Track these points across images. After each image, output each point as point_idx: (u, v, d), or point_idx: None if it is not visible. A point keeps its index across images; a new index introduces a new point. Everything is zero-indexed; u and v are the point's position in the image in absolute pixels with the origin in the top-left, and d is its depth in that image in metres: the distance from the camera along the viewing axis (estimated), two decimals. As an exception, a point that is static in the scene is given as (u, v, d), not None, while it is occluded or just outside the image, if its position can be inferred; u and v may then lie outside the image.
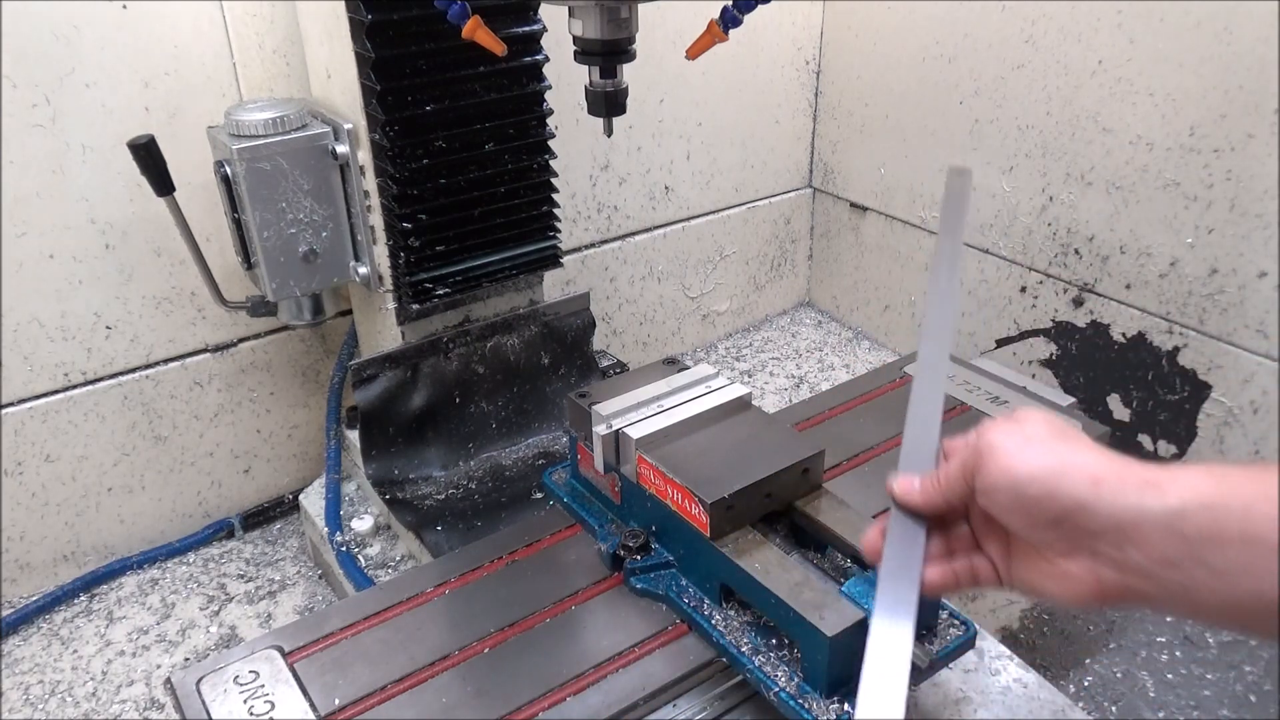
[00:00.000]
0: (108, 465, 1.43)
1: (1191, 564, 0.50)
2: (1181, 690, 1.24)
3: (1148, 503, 0.51)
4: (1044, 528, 0.55)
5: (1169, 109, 1.40)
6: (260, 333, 1.49)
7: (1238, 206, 1.36)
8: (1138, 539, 0.52)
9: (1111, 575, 0.53)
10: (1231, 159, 1.35)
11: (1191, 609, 0.52)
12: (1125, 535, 0.52)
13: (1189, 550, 0.50)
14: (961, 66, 1.69)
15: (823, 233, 2.14)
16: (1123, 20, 1.43)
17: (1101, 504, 0.53)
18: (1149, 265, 1.49)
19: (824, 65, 1.98)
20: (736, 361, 2.02)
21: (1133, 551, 0.52)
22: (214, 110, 1.30)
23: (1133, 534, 0.52)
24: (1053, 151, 1.58)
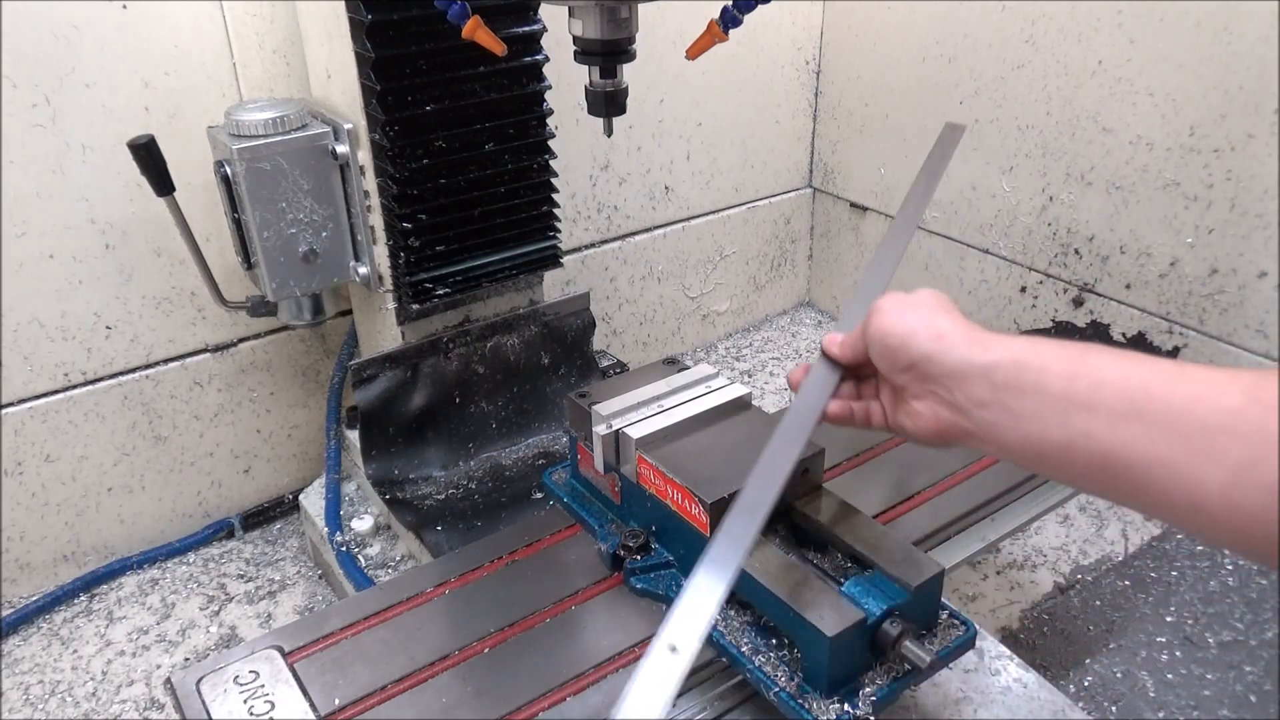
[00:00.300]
0: (108, 465, 1.43)
1: (998, 407, 0.63)
2: (1181, 690, 1.24)
3: (973, 356, 0.64)
4: (900, 372, 0.70)
5: (1169, 109, 1.40)
6: (260, 333, 1.49)
7: (1238, 206, 1.36)
8: (962, 384, 0.65)
9: (945, 414, 0.67)
10: (1231, 159, 1.35)
11: (997, 446, 0.64)
12: (954, 381, 0.65)
13: (996, 395, 0.63)
14: (961, 66, 1.69)
15: (823, 233, 2.14)
16: (1123, 20, 1.43)
17: (939, 355, 0.66)
18: (1149, 265, 1.49)
19: (824, 65, 1.98)
20: (736, 361, 2.02)
21: (959, 394, 0.65)
22: (214, 110, 1.30)
23: (960, 380, 0.65)
24: (1053, 151, 1.58)
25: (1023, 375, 0.62)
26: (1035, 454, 0.62)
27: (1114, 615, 1.36)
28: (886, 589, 0.82)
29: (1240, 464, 0.51)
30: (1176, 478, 0.54)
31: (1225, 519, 0.52)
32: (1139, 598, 1.39)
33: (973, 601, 1.39)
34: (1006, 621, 1.35)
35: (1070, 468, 0.60)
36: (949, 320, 0.68)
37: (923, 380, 0.68)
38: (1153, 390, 0.56)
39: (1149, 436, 0.55)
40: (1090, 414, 0.58)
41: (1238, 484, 0.51)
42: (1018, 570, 1.44)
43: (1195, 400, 0.54)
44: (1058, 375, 0.60)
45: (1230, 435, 0.52)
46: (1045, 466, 0.62)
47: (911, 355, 0.68)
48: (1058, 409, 0.59)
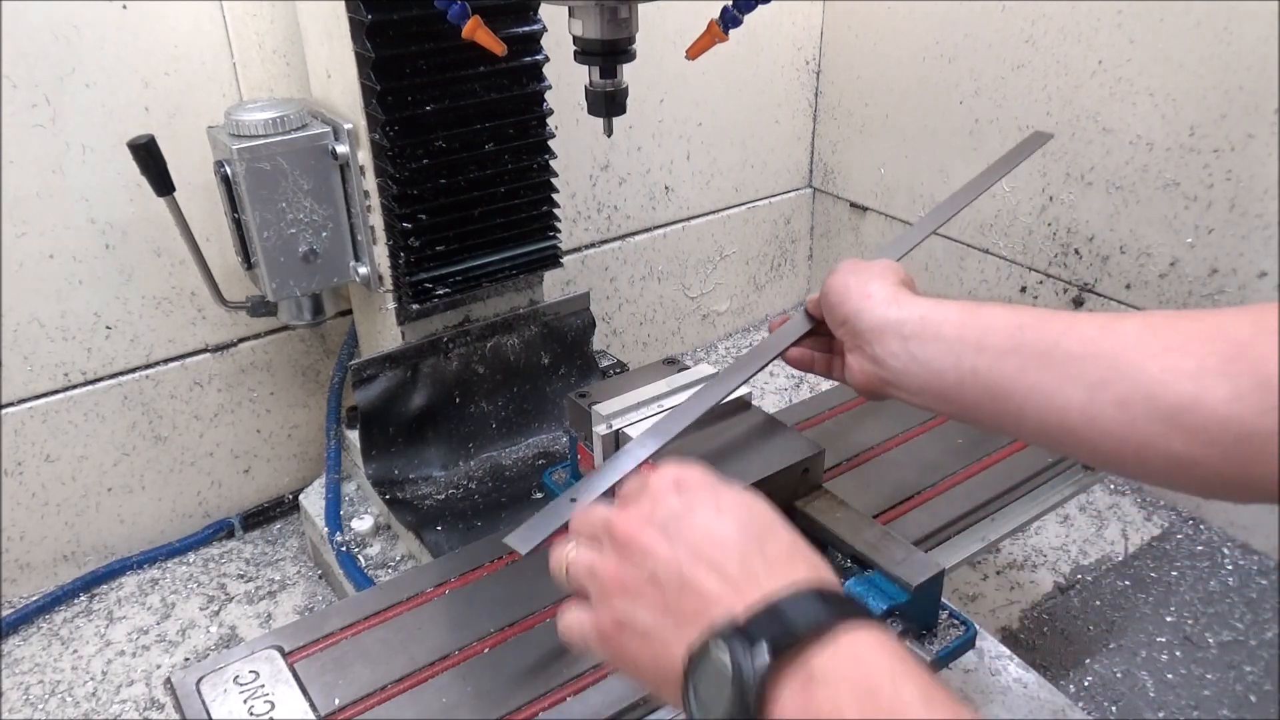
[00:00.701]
0: (108, 465, 1.43)
1: (905, 356, 0.71)
2: (1181, 690, 1.24)
3: (889, 313, 0.73)
4: (838, 325, 0.79)
5: (1169, 109, 1.40)
6: (260, 333, 1.49)
7: (1238, 206, 1.36)
8: (879, 339, 0.73)
9: (868, 366, 0.75)
10: (1231, 159, 1.35)
11: (908, 391, 0.72)
12: (875, 335, 0.74)
13: (904, 346, 0.71)
14: (961, 66, 1.69)
15: (823, 233, 2.14)
16: (1123, 20, 1.43)
17: (865, 313, 0.75)
18: (1149, 265, 1.49)
19: (824, 65, 1.98)
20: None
21: (877, 348, 0.74)
22: (214, 110, 1.30)
23: (878, 335, 0.73)
24: (1053, 151, 1.58)
25: (925, 327, 0.70)
26: (936, 393, 0.70)
27: (1114, 615, 1.36)
28: (886, 589, 0.82)
29: (1094, 383, 0.59)
30: (1047, 400, 0.62)
31: (1085, 433, 0.60)
32: (1139, 598, 1.39)
33: (973, 601, 1.39)
34: (1006, 621, 1.35)
35: (963, 402, 0.68)
36: (881, 284, 0.76)
37: (853, 335, 0.76)
38: (1028, 330, 0.64)
39: (1023, 367, 0.63)
40: (978, 353, 0.66)
41: (1093, 401, 0.59)
42: (1018, 570, 1.44)
43: (1061, 334, 0.62)
44: (954, 324, 0.68)
45: (1087, 359, 0.60)
46: (945, 404, 0.70)
47: (845, 311, 0.77)
48: (952, 352, 0.68)
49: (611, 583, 0.56)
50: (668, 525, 0.55)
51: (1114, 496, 1.58)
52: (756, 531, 0.54)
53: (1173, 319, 0.59)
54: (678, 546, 0.53)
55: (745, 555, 0.52)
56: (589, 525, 0.61)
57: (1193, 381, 0.55)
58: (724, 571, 0.51)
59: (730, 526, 0.54)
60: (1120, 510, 1.55)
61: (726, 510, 0.55)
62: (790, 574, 0.50)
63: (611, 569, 0.56)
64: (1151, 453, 0.57)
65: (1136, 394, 0.57)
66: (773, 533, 0.54)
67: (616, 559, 0.56)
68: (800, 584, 0.49)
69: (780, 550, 0.53)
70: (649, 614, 0.53)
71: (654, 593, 0.53)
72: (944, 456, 1.12)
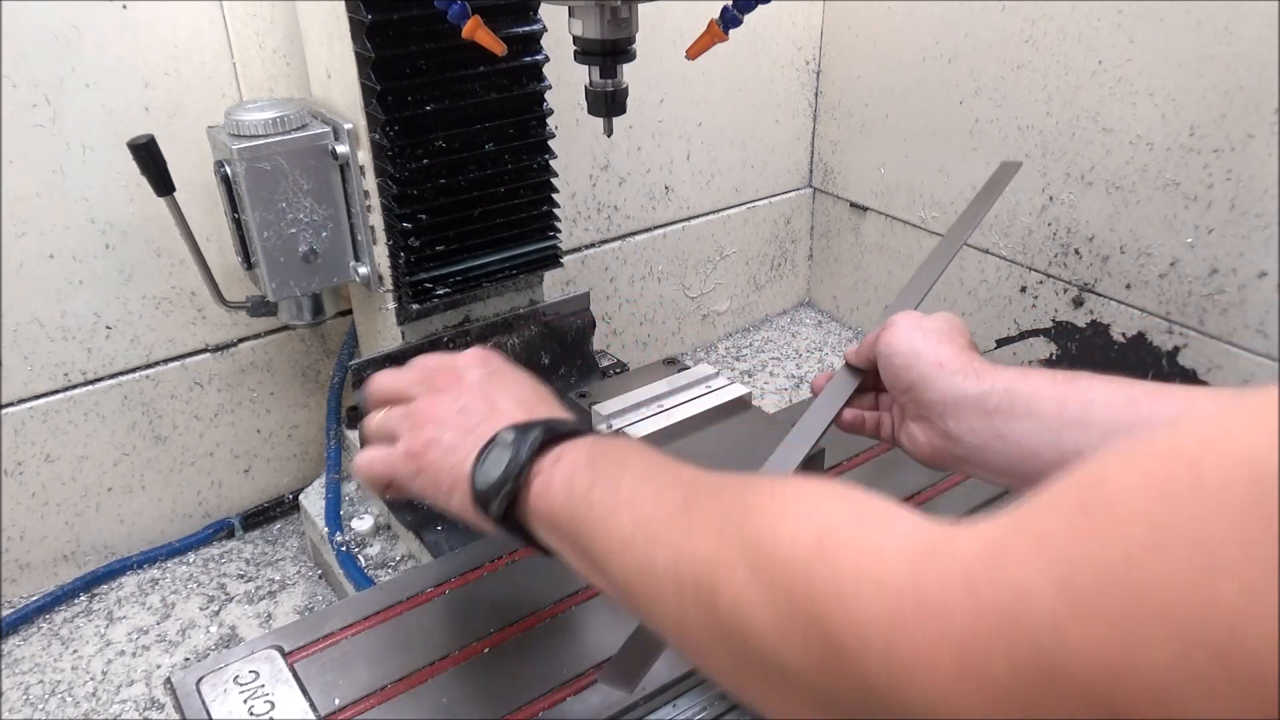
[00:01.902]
0: (108, 465, 1.43)
1: (987, 432, 0.65)
2: (1181, 690, 1.24)
3: (966, 386, 0.67)
4: (901, 392, 0.72)
5: (1169, 109, 1.40)
6: (260, 333, 1.49)
7: (1238, 206, 1.36)
8: (955, 413, 0.67)
9: (937, 440, 0.70)
10: (1231, 159, 1.35)
11: (989, 471, 0.67)
12: (947, 408, 0.68)
13: (987, 421, 0.65)
14: (961, 66, 1.69)
15: (823, 233, 2.14)
16: (1123, 20, 1.43)
17: (935, 382, 0.68)
18: (1149, 265, 1.49)
19: (824, 65, 1.98)
20: (736, 361, 2.02)
21: (951, 422, 0.68)
22: (214, 110, 1.30)
23: (952, 409, 0.67)
24: (1053, 151, 1.58)
25: (1014, 401, 0.64)
26: (1028, 475, 0.63)
27: (1114, 615, 1.36)
28: (886, 589, 0.82)
29: None
30: None
31: None
32: (1139, 598, 1.39)
33: (973, 601, 1.38)
34: (1006, 621, 1.35)
35: None
36: (952, 350, 0.70)
37: (918, 405, 0.71)
38: (1140, 405, 0.59)
39: None
40: (1081, 431, 0.60)
41: None
42: (1018, 570, 1.44)
43: (1181, 411, 0.57)
44: (1048, 398, 0.63)
45: None
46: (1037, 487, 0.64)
47: (911, 378, 0.70)
48: (1049, 429, 0.62)
49: (427, 413, 0.67)
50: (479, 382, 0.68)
51: (1114, 496, 1.58)
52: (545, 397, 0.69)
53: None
54: (488, 393, 0.67)
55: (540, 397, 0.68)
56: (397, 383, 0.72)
57: None
58: (521, 401, 0.67)
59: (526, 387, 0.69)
60: (1120, 510, 1.55)
61: (524, 380, 0.71)
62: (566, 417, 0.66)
63: (427, 405, 0.68)
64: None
65: None
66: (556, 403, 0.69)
67: (432, 398, 0.68)
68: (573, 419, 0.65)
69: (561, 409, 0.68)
70: (455, 435, 0.65)
71: (462, 421, 0.65)
72: (944, 456, 1.12)
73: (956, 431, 0.67)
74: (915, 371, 0.70)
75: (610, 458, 0.59)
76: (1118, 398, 0.60)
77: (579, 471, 0.58)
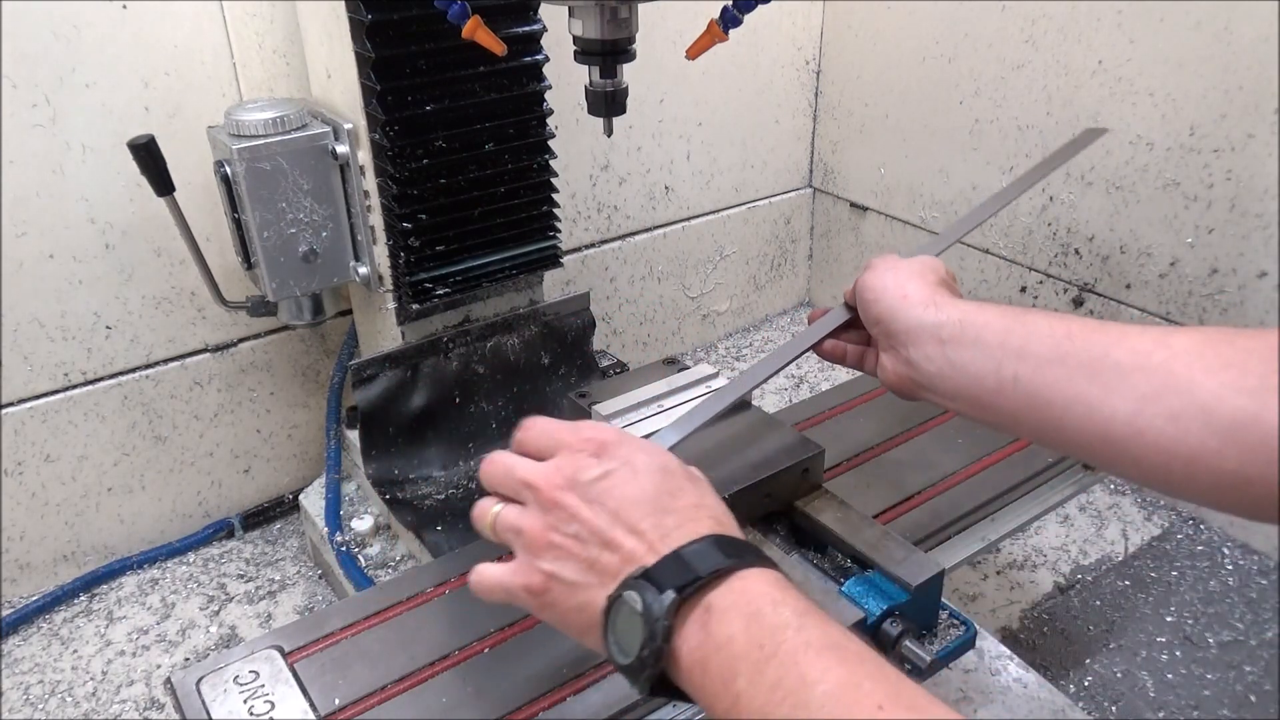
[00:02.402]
0: (108, 465, 1.43)
1: (941, 359, 0.70)
2: (1181, 690, 1.24)
3: (926, 316, 0.71)
4: (872, 324, 0.77)
5: (1169, 109, 1.40)
6: (260, 333, 1.49)
7: (1238, 206, 1.36)
8: (915, 341, 0.72)
9: (901, 368, 0.74)
10: (1231, 159, 1.35)
11: (942, 395, 0.71)
12: (909, 337, 0.72)
13: (940, 349, 0.70)
14: (961, 66, 1.69)
15: (823, 233, 2.14)
16: (1123, 20, 1.43)
17: (900, 314, 0.73)
18: (1149, 265, 1.49)
19: (824, 65, 1.98)
20: (736, 361, 2.02)
21: (912, 350, 0.72)
22: (214, 110, 1.30)
23: (913, 337, 0.72)
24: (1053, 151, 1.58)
25: (964, 331, 0.69)
26: (972, 400, 0.68)
27: (1114, 615, 1.36)
28: (886, 589, 0.82)
29: (1144, 395, 0.58)
30: (1090, 411, 0.60)
31: (1131, 446, 0.59)
32: (1139, 598, 1.39)
33: (973, 601, 1.39)
34: (1006, 621, 1.35)
35: (1002, 411, 0.67)
36: (918, 284, 0.74)
37: (886, 335, 0.75)
38: (1076, 338, 0.63)
39: (1069, 377, 0.62)
40: (1020, 360, 0.65)
41: (1141, 413, 0.58)
42: (1018, 570, 1.44)
43: (1111, 345, 0.61)
44: (995, 330, 0.67)
45: (1137, 371, 0.58)
46: (982, 412, 0.69)
47: (879, 311, 0.75)
48: (992, 358, 0.66)
49: (539, 541, 0.61)
50: (589, 489, 0.60)
51: (1114, 496, 1.58)
52: (669, 490, 0.61)
53: (1231, 336, 0.57)
54: (598, 510, 0.59)
55: (658, 513, 0.59)
56: (507, 481, 0.65)
57: (1253, 398, 0.53)
58: (639, 530, 0.58)
59: (644, 488, 0.60)
60: (1120, 510, 1.55)
61: (641, 472, 0.61)
62: (695, 529, 0.58)
63: (538, 529, 0.61)
64: (1202, 469, 0.55)
65: (1190, 408, 0.55)
66: (681, 491, 0.61)
67: (542, 520, 0.61)
68: (703, 534, 0.57)
69: (688, 505, 0.60)
70: (574, 570, 0.59)
71: (579, 550, 0.59)
72: (944, 456, 1.12)
73: (915, 358, 0.72)
74: (883, 304, 0.75)
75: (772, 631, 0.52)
76: (1057, 330, 0.64)
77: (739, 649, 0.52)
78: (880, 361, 0.77)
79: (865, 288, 0.78)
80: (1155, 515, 1.54)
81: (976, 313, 0.69)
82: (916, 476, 1.09)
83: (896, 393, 0.77)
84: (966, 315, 0.69)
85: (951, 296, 0.73)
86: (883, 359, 0.77)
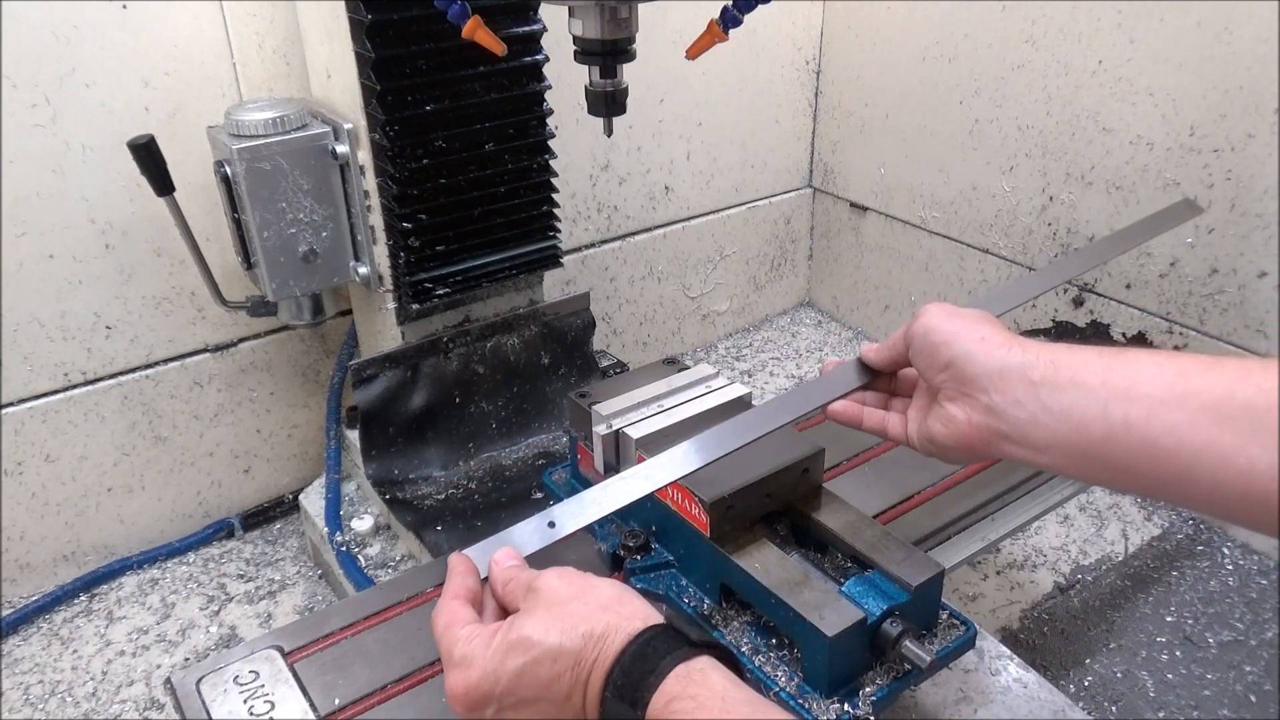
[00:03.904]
0: (108, 465, 1.43)
1: (1034, 404, 0.63)
2: (1181, 690, 1.24)
3: (1010, 357, 0.65)
4: (939, 371, 0.69)
5: (1169, 109, 1.40)
6: (260, 333, 1.49)
7: (1238, 206, 1.36)
8: (1000, 384, 0.65)
9: (978, 417, 0.66)
10: (1231, 159, 1.35)
11: (1032, 448, 0.64)
12: (991, 380, 0.65)
13: (1033, 392, 0.63)
14: (961, 66, 1.69)
15: (823, 233, 2.14)
16: (1123, 20, 1.43)
17: (978, 355, 0.66)
18: (1149, 265, 1.49)
19: (824, 65, 1.98)
20: (736, 361, 2.02)
21: (995, 395, 0.65)
22: (214, 110, 1.30)
23: (997, 381, 0.65)
24: (1053, 151, 1.58)
25: (1059, 371, 0.62)
26: (1073, 450, 0.61)
27: (1114, 615, 1.36)
28: (886, 589, 0.82)
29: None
30: (1223, 462, 0.53)
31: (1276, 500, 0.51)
32: (1139, 598, 1.39)
33: (973, 601, 1.39)
34: (1006, 621, 1.35)
35: (1110, 462, 0.59)
36: (992, 328, 0.68)
37: (959, 381, 0.68)
38: (1191, 377, 0.56)
39: (1191, 421, 0.55)
40: (1130, 403, 0.58)
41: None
42: (1018, 570, 1.44)
43: (1235, 383, 0.54)
44: (1095, 369, 0.60)
45: (1273, 414, 0.51)
46: (1084, 464, 0.61)
47: (952, 353, 0.68)
48: (1096, 400, 0.59)
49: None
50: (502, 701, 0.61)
51: (1114, 496, 1.58)
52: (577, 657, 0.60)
53: None
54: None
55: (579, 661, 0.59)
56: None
57: None
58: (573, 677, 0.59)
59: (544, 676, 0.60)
60: (1120, 510, 1.55)
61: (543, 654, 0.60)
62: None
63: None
64: None
65: None
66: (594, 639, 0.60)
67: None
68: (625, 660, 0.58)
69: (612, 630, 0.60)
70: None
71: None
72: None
73: (1000, 405, 0.64)
74: (957, 347, 0.68)
75: None
76: (1167, 369, 0.57)
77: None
78: (945, 415, 0.69)
79: (932, 330, 0.70)
80: (1155, 515, 1.54)
81: (1067, 352, 0.63)
82: (916, 476, 1.09)
83: (961, 450, 0.69)
84: (1058, 355, 0.63)
85: (1031, 340, 0.66)
86: (950, 411, 0.68)
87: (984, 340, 0.67)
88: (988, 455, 0.68)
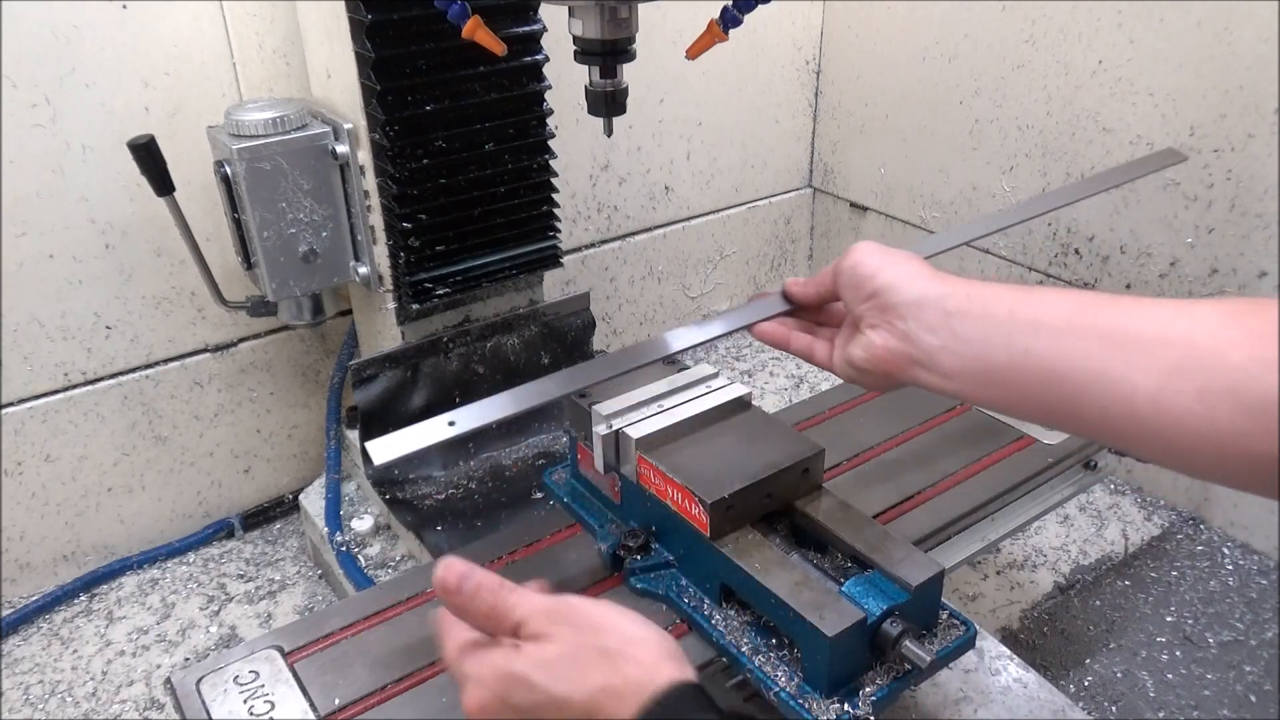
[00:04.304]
0: (108, 465, 1.43)
1: (945, 332, 0.66)
2: (1181, 690, 1.24)
3: (929, 289, 0.68)
4: (863, 299, 0.72)
5: (1169, 109, 1.40)
6: (260, 333, 1.49)
7: (1238, 206, 1.36)
8: (916, 313, 0.68)
9: (894, 343, 0.69)
10: (1231, 159, 1.35)
11: (940, 373, 0.67)
12: (909, 310, 0.68)
13: (945, 321, 0.66)
14: (961, 66, 1.69)
15: (823, 233, 2.14)
16: (1123, 20, 1.43)
17: (901, 286, 0.69)
18: (1149, 265, 1.49)
19: (824, 65, 1.98)
20: (736, 361, 2.02)
21: (911, 322, 0.68)
22: (214, 110, 1.30)
23: (914, 310, 0.68)
24: (1053, 151, 1.58)
25: (972, 303, 0.65)
26: (977, 376, 0.65)
27: (1114, 615, 1.36)
28: (886, 589, 0.82)
29: (1168, 369, 0.54)
30: (1110, 386, 0.57)
31: (1154, 424, 0.55)
32: (1139, 598, 1.39)
33: (973, 601, 1.39)
34: (1006, 621, 1.35)
35: (1010, 387, 0.63)
36: (918, 264, 0.72)
37: (881, 310, 0.71)
38: (1088, 309, 0.59)
39: (1086, 350, 0.58)
40: (1033, 333, 0.61)
41: (1165, 388, 0.54)
42: (1018, 570, 1.44)
43: (1129, 315, 0.57)
44: (1005, 301, 0.64)
45: (1160, 343, 0.55)
46: (987, 390, 0.65)
47: (877, 284, 0.71)
48: (1002, 330, 0.63)
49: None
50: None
51: (1114, 496, 1.58)
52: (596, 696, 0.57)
53: (1256, 307, 0.53)
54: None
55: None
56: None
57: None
58: None
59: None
60: (1120, 510, 1.55)
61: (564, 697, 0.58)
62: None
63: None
64: (1233, 450, 0.52)
65: (1218, 384, 0.52)
66: (609, 694, 0.57)
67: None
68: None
69: (623, 686, 0.57)
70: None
71: None
72: (944, 456, 1.12)
73: (915, 331, 0.68)
74: (881, 279, 0.71)
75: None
76: (1069, 302, 0.61)
77: None
78: (864, 341, 0.72)
79: (860, 263, 0.73)
80: (1155, 515, 1.54)
81: (984, 286, 0.66)
82: (916, 476, 1.09)
83: (876, 374, 0.72)
84: (975, 288, 0.66)
85: (954, 276, 0.70)
86: (869, 337, 0.71)
87: (908, 274, 0.70)
88: (902, 382, 0.71)
